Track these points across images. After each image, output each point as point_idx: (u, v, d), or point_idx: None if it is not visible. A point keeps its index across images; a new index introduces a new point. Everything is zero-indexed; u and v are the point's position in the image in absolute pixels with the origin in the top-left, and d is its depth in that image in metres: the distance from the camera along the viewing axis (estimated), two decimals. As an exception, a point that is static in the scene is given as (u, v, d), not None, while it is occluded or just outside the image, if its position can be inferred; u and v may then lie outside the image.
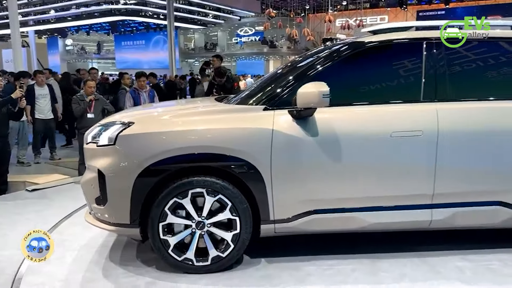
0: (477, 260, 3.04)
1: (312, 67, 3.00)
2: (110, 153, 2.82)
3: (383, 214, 2.88)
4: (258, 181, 2.76)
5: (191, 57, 40.20)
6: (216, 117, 2.94)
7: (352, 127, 2.83)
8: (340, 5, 32.67)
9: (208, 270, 2.86)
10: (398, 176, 2.85)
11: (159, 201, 2.76)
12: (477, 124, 2.87)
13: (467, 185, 2.91)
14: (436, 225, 2.96)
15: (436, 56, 2.94)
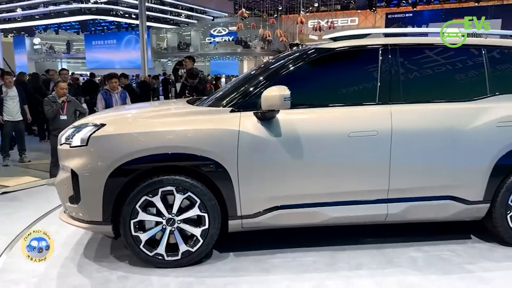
0: (430, 250, 3.26)
1: (276, 71, 3.18)
2: (82, 153, 2.94)
3: (343, 208, 3.08)
4: (226, 180, 2.91)
5: (164, 57, 39.84)
6: (185, 119, 3.06)
7: (313, 127, 3.02)
8: (312, 7, 33.17)
9: (179, 264, 2.99)
10: (356, 173, 3.06)
11: (130, 199, 2.88)
12: (427, 124, 3.08)
13: (420, 181, 3.12)
14: (392, 218, 3.18)
15: (390, 62, 3.17)
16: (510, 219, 3.23)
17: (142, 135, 2.91)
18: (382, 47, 3.20)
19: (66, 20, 32.60)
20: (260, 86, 3.06)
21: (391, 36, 3.51)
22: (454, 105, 3.18)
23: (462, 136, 3.09)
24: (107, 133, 2.93)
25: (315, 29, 27.43)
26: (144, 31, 20.66)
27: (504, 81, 3.30)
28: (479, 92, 3.21)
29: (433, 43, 3.37)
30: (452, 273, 2.92)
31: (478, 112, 3.14)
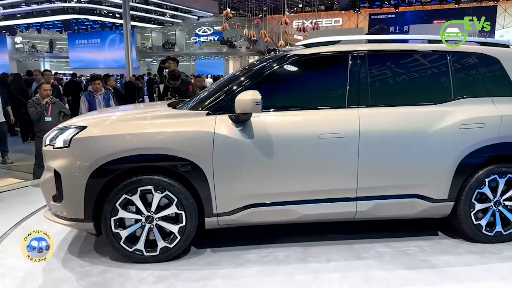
0: (398, 246, 3.41)
1: (250, 77, 3.34)
2: (65, 154, 3.08)
3: (314, 206, 3.24)
4: (202, 179, 3.06)
5: (148, 56, 39.67)
6: (163, 121, 3.22)
7: (285, 130, 3.18)
8: (296, 7, 33.42)
9: (157, 259, 3.13)
10: (326, 172, 3.22)
11: (110, 198, 3.02)
12: (394, 126, 3.23)
13: (387, 180, 3.26)
14: (361, 215, 3.35)
15: (359, 67, 3.33)
16: (474, 216, 3.38)
17: (121, 137, 3.06)
18: (351, 53, 3.36)
19: (48, 19, 32.10)
20: (234, 91, 3.20)
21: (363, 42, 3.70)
22: (419, 108, 3.33)
23: (427, 138, 3.24)
24: (88, 135, 3.09)
25: (299, 30, 27.67)
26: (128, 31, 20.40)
27: (468, 85, 3.45)
28: (444, 96, 3.37)
29: (400, 49, 3.55)
30: (415, 267, 3.07)
31: (442, 115, 3.28)
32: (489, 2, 27.14)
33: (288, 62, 3.37)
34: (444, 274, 2.99)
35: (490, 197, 3.39)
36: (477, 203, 3.38)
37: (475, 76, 3.47)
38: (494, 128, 3.30)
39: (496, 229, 3.41)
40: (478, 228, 3.40)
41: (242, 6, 32.60)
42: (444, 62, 3.44)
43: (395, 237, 3.59)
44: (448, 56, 3.44)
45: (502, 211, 3.41)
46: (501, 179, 3.36)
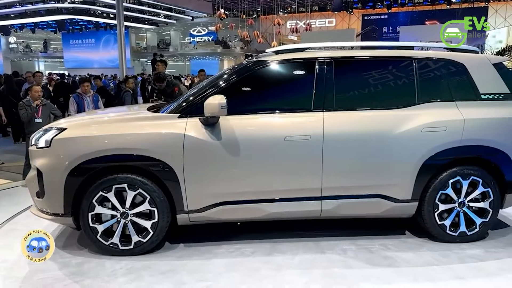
0: (363, 244, 3.53)
1: (222, 81, 3.50)
2: (46, 154, 3.32)
3: (281, 205, 3.40)
4: (173, 178, 3.24)
5: (143, 56, 39.68)
6: (137, 124, 3.43)
7: (252, 132, 3.35)
8: (290, 8, 33.56)
9: (132, 253, 3.34)
10: (292, 173, 3.37)
11: (87, 195, 3.24)
12: (357, 129, 3.34)
13: (351, 180, 3.38)
14: (327, 214, 3.49)
15: (325, 73, 3.47)
16: (438, 216, 3.49)
17: (96, 138, 3.29)
18: (317, 60, 3.51)
19: (43, 20, 32.07)
20: (205, 95, 3.37)
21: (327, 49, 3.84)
22: (383, 112, 3.44)
23: (390, 141, 3.35)
24: (67, 136, 3.32)
25: (292, 31, 27.84)
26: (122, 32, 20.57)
27: (432, 90, 3.54)
28: (408, 101, 3.47)
29: (366, 56, 3.70)
30: (375, 265, 3.20)
31: (405, 118, 3.39)
32: (480, 3, 27.39)
33: (257, 68, 3.55)
34: (402, 272, 3.08)
35: (454, 198, 3.49)
36: (441, 204, 3.48)
37: (440, 81, 3.57)
38: (456, 132, 3.39)
39: (460, 229, 3.52)
40: (442, 228, 3.51)
41: (235, 6, 32.72)
42: (409, 68, 3.55)
43: (362, 235, 3.72)
44: (413, 62, 3.55)
45: (467, 212, 3.51)
46: (464, 181, 3.45)
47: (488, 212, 3.53)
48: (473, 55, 3.77)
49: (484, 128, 3.46)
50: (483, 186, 3.47)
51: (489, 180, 3.48)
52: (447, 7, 27.99)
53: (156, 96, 6.59)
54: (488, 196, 3.50)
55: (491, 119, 3.48)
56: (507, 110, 3.53)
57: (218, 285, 2.91)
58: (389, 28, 29.30)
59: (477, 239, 3.58)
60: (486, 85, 3.56)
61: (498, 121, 3.49)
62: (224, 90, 3.39)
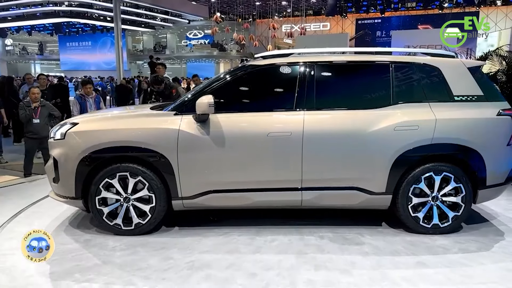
0: (342, 232, 3.81)
1: (215, 83, 3.88)
2: (61, 145, 3.79)
3: (265, 194, 3.75)
4: (168, 168, 3.64)
5: (139, 59, 39.87)
6: (138, 120, 3.90)
7: (239, 128, 3.70)
8: (285, 12, 33.90)
9: (133, 233, 3.78)
10: (274, 165, 3.71)
11: (95, 181, 3.69)
12: (334, 127, 3.65)
13: (328, 173, 3.69)
14: (307, 204, 3.81)
15: (307, 76, 3.81)
16: (411, 209, 3.72)
17: (103, 132, 3.75)
18: (301, 64, 3.87)
19: (39, 22, 32.17)
20: (198, 95, 3.73)
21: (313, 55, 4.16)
22: (359, 112, 3.73)
23: (364, 138, 3.63)
24: (78, 130, 3.79)
25: (287, 35, 28.20)
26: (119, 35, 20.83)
27: (407, 92, 3.82)
28: (384, 102, 3.75)
29: (345, 61, 4.02)
30: (346, 249, 3.49)
31: (379, 118, 3.67)
32: (471, 8, 27.85)
33: (246, 71, 3.94)
34: (369, 257, 3.35)
35: (427, 192, 3.72)
36: (414, 197, 3.72)
37: (415, 83, 3.84)
38: (428, 130, 3.63)
39: (433, 221, 3.75)
40: (416, 220, 3.75)
41: (232, 10, 33.03)
42: (385, 71, 3.85)
43: (343, 225, 4.01)
44: (390, 67, 3.85)
45: (440, 206, 3.74)
46: (437, 176, 3.68)
47: (460, 206, 3.74)
48: (448, 59, 4.03)
49: (456, 128, 3.68)
50: (455, 181, 3.69)
51: (461, 176, 3.69)
52: (439, 11, 28.42)
53: (155, 98, 6.90)
54: (460, 191, 3.71)
55: (462, 119, 3.71)
56: (479, 110, 3.76)
57: (202, 261, 3.29)
58: (382, 32, 29.74)
59: (449, 232, 3.79)
60: (460, 87, 3.81)
61: (469, 121, 3.72)
62: (215, 91, 3.77)
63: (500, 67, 6.77)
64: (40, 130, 6.37)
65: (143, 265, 3.23)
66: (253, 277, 3.05)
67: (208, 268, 3.17)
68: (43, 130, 6.35)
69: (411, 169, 3.69)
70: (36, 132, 6.36)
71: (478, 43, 24.23)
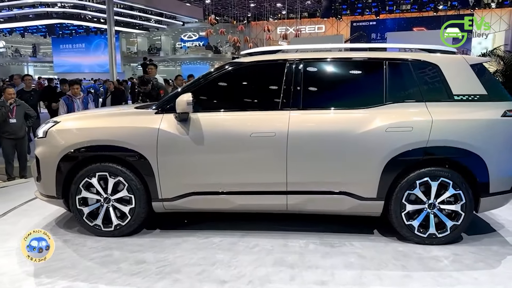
0: (329, 240, 3.58)
1: (199, 81, 3.73)
2: (43, 143, 3.74)
3: (248, 197, 3.57)
4: (148, 168, 3.51)
5: (134, 61, 39.60)
6: (118, 118, 3.79)
7: (221, 128, 3.53)
8: (280, 14, 33.85)
9: (112, 234, 3.68)
10: (257, 167, 3.51)
11: (75, 180, 3.60)
12: (321, 128, 3.45)
13: (314, 176, 3.46)
14: (293, 208, 3.60)
15: (293, 74, 3.60)
16: (405, 216, 3.46)
17: (82, 130, 3.68)
18: (287, 62, 3.66)
19: (32, 24, 31.86)
20: (181, 93, 3.57)
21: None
22: (349, 111, 3.51)
23: (353, 139, 3.39)
24: (59, 128, 3.73)
25: (282, 37, 28.14)
26: (112, 37, 20.63)
27: (402, 90, 3.55)
28: (376, 101, 3.50)
29: (334, 57, 3.78)
30: (329, 258, 3.24)
31: (369, 118, 3.42)
32: (466, 10, 27.90)
33: (230, 69, 3.75)
34: (353, 266, 3.11)
35: (423, 199, 3.45)
36: (408, 204, 3.45)
37: (410, 82, 3.56)
38: (423, 132, 3.35)
39: (430, 231, 3.46)
40: (410, 229, 3.48)
41: (226, 12, 32.91)
42: (378, 68, 3.60)
43: (334, 231, 3.77)
44: (384, 64, 3.59)
45: (437, 214, 3.46)
46: (433, 182, 3.40)
47: (460, 215, 3.44)
48: (448, 56, 3.74)
49: (455, 129, 3.40)
50: (454, 188, 3.40)
51: (460, 182, 3.40)
52: (434, 14, 28.45)
53: (141, 100, 6.70)
54: (459, 199, 3.42)
55: (462, 120, 3.42)
56: (482, 111, 3.46)
57: (173, 266, 3.15)
58: (377, 34, 29.68)
59: (447, 242, 3.49)
60: (461, 86, 3.52)
61: (470, 122, 3.42)
62: (198, 89, 3.62)
63: (498, 67, 6.64)
64: (17, 130, 6.30)
65: (113, 268, 3.12)
66: (221, 285, 2.87)
67: (177, 274, 3.03)
68: (20, 130, 6.30)
69: (404, 173, 3.44)
70: (13, 132, 6.28)
71: (472, 46, 24.24)
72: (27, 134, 6.73)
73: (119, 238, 3.64)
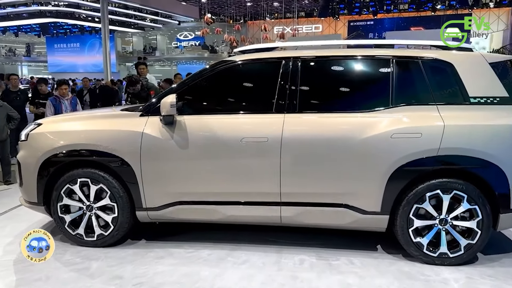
0: (327, 256, 3.30)
1: (186, 82, 3.48)
2: (25, 146, 3.62)
3: (238, 208, 3.28)
4: (131, 175, 3.27)
5: (129, 61, 39.20)
6: (99, 121, 3.54)
7: (210, 132, 3.26)
8: (277, 13, 33.59)
9: (95, 244, 3.50)
10: (249, 175, 3.23)
11: (57, 186, 3.43)
12: (319, 133, 3.14)
13: (311, 187, 3.17)
14: (287, 221, 3.30)
15: (290, 74, 3.28)
16: (413, 233, 3.15)
17: (63, 133, 3.48)
18: (284, 60, 3.35)
19: (25, 23, 31.38)
20: (167, 94, 3.31)
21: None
22: (350, 115, 3.20)
23: (355, 146, 3.08)
24: (40, 131, 3.56)
25: (279, 37, 27.92)
26: (106, 36, 20.30)
27: (411, 92, 3.23)
28: (381, 103, 3.19)
29: (337, 55, 3.46)
30: (324, 278, 2.97)
31: (373, 122, 3.11)
32: (464, 10, 27.76)
33: (220, 68, 3.45)
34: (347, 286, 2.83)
35: (433, 214, 3.14)
36: (416, 219, 3.15)
37: (421, 82, 3.22)
38: (433, 139, 3.03)
39: (441, 250, 3.14)
40: (419, 247, 3.17)
41: (222, 11, 32.60)
42: (385, 67, 3.29)
43: (333, 247, 3.46)
44: (391, 62, 3.27)
45: (450, 231, 3.14)
46: (445, 195, 3.08)
47: (476, 233, 3.10)
48: (465, 53, 3.37)
49: (470, 136, 3.06)
50: (469, 202, 3.07)
51: (476, 196, 3.06)
52: (432, 13, 28.27)
53: (130, 101, 6.33)
54: (475, 215, 3.09)
55: (479, 125, 3.08)
56: (502, 116, 3.10)
57: (151, 284, 2.87)
58: (375, 34, 29.53)
59: (461, 263, 3.16)
60: (478, 87, 3.17)
61: (488, 128, 3.07)
62: (186, 90, 3.36)
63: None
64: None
65: (86, 283, 2.88)
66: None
67: (153, 293, 2.71)
68: (1, 133, 6.00)
69: (412, 185, 3.12)
70: None
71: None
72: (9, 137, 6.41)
73: (102, 248, 3.47)
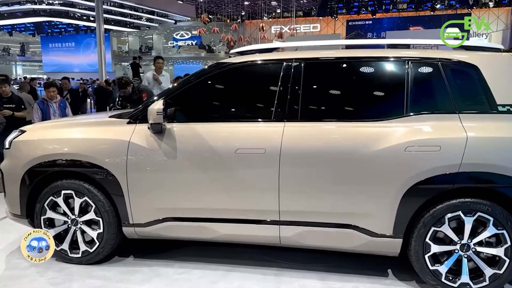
0: (333, 282, 2.98)
1: (177, 87, 3.19)
2: (7, 155, 3.40)
3: (233, 226, 2.97)
4: (116, 187, 2.99)
5: (125, 60, 38.80)
6: (84, 129, 3.29)
7: (201, 142, 2.93)
8: (275, 13, 33.32)
9: (80, 261, 3.28)
10: (244, 191, 2.91)
11: (40, 198, 3.23)
12: (322, 145, 2.81)
13: (314, 204, 2.85)
14: (287, 242, 2.97)
15: (292, 77, 2.94)
16: (430, 259, 2.80)
17: (46, 142, 3.25)
18: (285, 62, 3.02)
19: (20, 22, 30.99)
20: (157, 99, 3.03)
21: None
22: (358, 125, 2.86)
23: (364, 159, 2.75)
24: (23, 139, 3.35)
25: (277, 36, 27.66)
26: (101, 35, 19.99)
27: (429, 98, 2.89)
28: (394, 112, 2.84)
29: (345, 56, 3.12)
30: None
31: (385, 133, 2.77)
32: (463, 10, 27.58)
33: (216, 72, 3.14)
34: None
35: (453, 238, 2.76)
36: (433, 244, 2.78)
37: (441, 87, 2.85)
38: (454, 153, 2.67)
39: (462, 279, 2.76)
40: (436, 275, 2.80)
41: (219, 10, 32.27)
42: (399, 70, 2.93)
43: (339, 271, 3.12)
44: (406, 64, 2.90)
45: (473, 258, 2.76)
46: (467, 217, 2.70)
47: (504, 262, 2.71)
48: (492, 54, 2.97)
49: (497, 150, 2.67)
50: (496, 226, 2.69)
51: (504, 220, 2.67)
52: (431, 13, 28.07)
53: (121, 104, 5.92)
54: (503, 240, 2.70)
55: (508, 138, 2.69)
56: None
57: None
58: (373, 33, 29.33)
59: None
60: (508, 93, 2.78)
61: None
62: (177, 95, 3.07)
63: None
64: None
65: None
66: None
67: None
68: None
69: (429, 205, 2.75)
70: None
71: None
72: None
73: (87, 266, 3.25)
